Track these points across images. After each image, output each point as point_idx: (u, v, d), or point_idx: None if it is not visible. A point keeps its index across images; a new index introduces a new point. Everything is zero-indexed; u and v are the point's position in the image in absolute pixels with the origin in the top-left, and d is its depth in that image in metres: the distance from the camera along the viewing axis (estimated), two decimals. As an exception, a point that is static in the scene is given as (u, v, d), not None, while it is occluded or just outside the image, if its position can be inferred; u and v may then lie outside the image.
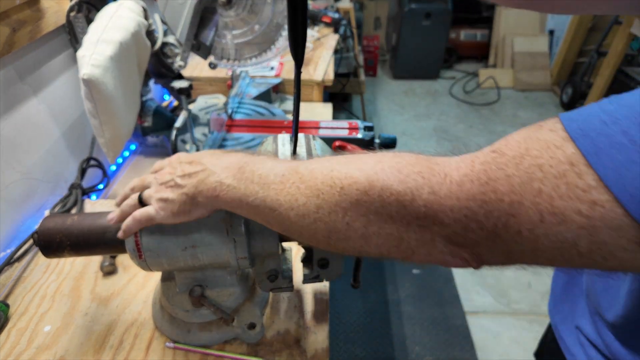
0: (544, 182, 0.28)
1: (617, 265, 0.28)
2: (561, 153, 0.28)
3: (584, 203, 0.26)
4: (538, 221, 0.28)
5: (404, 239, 0.34)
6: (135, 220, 0.50)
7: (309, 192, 0.38)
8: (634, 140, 0.25)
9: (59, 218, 0.56)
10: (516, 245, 0.30)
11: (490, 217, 0.30)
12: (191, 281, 0.60)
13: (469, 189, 0.30)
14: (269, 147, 0.57)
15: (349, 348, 1.62)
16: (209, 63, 1.07)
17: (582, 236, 0.27)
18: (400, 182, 0.33)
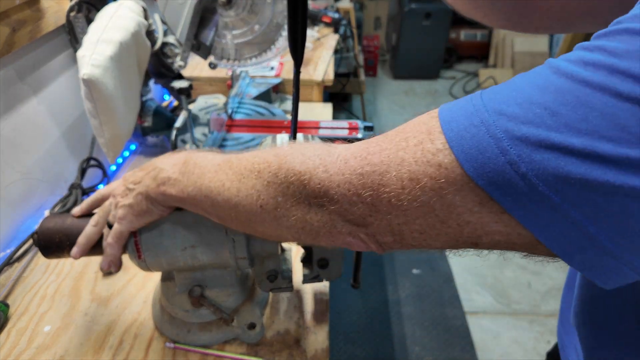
0: (406, 150, 0.30)
1: (474, 232, 0.29)
2: (425, 126, 0.30)
3: (432, 166, 0.28)
4: (400, 187, 0.29)
5: (307, 221, 0.36)
6: (110, 243, 0.52)
7: (234, 177, 0.40)
8: (477, 110, 0.27)
9: (59, 218, 0.56)
10: (392, 217, 0.31)
11: (366, 188, 0.31)
12: (191, 281, 0.61)
13: (351, 165, 0.32)
14: (268, 147, 0.57)
15: (349, 348, 1.62)
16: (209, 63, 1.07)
17: (435, 199, 0.28)
18: (301, 163, 0.35)
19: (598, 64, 0.24)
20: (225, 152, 0.47)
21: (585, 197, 0.24)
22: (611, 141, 0.23)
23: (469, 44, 3.92)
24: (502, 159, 0.25)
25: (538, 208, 0.25)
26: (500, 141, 0.25)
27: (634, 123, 0.22)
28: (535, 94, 0.25)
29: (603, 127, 0.23)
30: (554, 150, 0.24)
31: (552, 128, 0.24)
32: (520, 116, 0.25)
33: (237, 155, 0.43)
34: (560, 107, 0.24)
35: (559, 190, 0.24)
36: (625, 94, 0.22)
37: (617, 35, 0.24)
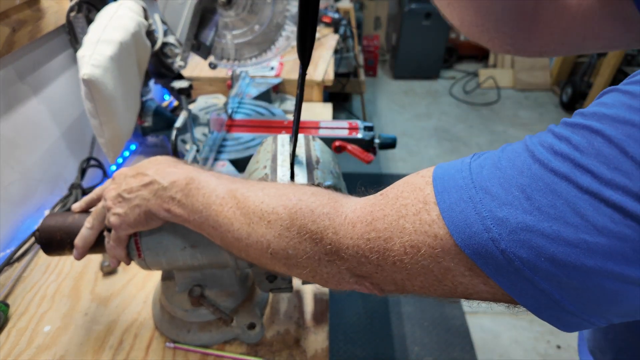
0: (406, 218, 0.33)
1: (466, 291, 0.33)
2: (421, 194, 0.33)
3: (430, 236, 0.32)
4: (403, 253, 0.33)
5: (317, 272, 0.39)
6: (112, 246, 0.53)
7: (243, 219, 0.42)
8: (466, 184, 0.31)
9: (60, 216, 0.56)
10: (396, 274, 0.35)
11: (373, 252, 0.35)
12: (190, 281, 0.61)
13: (358, 229, 0.36)
14: (269, 148, 0.58)
15: (349, 348, 1.62)
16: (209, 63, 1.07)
17: (433, 264, 0.32)
18: (313, 222, 0.38)
19: (565, 156, 0.28)
20: (225, 177, 0.47)
21: (553, 273, 0.28)
22: (573, 227, 0.26)
23: (469, 44, 3.92)
24: (486, 235, 0.29)
25: (514, 277, 0.29)
26: (485, 220, 0.29)
27: (591, 212, 0.26)
28: (514, 176, 0.29)
29: (567, 214, 0.27)
30: (528, 232, 0.28)
31: (527, 211, 0.28)
32: (501, 197, 0.29)
33: (240, 190, 0.43)
34: (534, 192, 0.28)
35: (531, 266, 0.28)
36: (585, 187, 0.26)
37: (580, 130, 0.28)
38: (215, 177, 0.46)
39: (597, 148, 0.26)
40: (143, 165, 0.51)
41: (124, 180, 0.51)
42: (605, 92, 0.30)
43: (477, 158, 0.33)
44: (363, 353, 1.60)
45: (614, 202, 0.25)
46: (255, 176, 0.53)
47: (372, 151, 1.01)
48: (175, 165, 0.49)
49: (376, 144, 1.02)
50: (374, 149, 1.02)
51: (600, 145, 0.26)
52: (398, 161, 2.75)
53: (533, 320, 1.70)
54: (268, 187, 0.43)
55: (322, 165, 0.55)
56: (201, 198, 0.45)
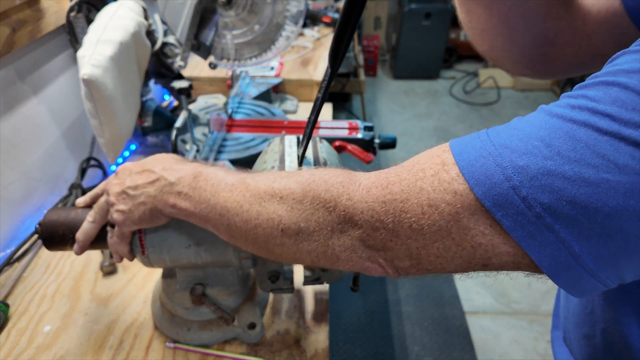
0: (424, 180, 0.33)
1: (485, 254, 0.32)
2: (439, 159, 0.34)
3: (449, 193, 0.32)
4: (421, 213, 0.33)
5: (329, 246, 0.38)
6: (115, 242, 0.53)
7: (253, 200, 0.41)
8: (485, 144, 0.32)
9: (63, 211, 0.56)
10: (412, 242, 0.34)
11: (389, 215, 0.34)
12: (192, 279, 0.61)
13: (374, 193, 0.36)
14: (276, 148, 0.57)
15: (349, 348, 1.62)
16: (209, 63, 1.07)
17: (452, 223, 0.32)
18: (326, 191, 0.38)
19: (582, 107, 0.29)
20: (232, 171, 0.47)
21: (574, 217, 0.28)
22: (594, 167, 0.27)
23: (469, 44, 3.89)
24: (507, 185, 0.29)
25: (534, 228, 0.29)
26: (505, 169, 0.29)
27: (611, 152, 0.27)
28: (533, 131, 0.30)
29: (588, 156, 0.27)
30: (549, 176, 0.28)
31: (548, 157, 0.28)
32: (521, 148, 0.30)
33: (251, 176, 0.43)
34: (553, 140, 0.29)
35: (553, 211, 0.28)
36: (604, 129, 0.27)
37: (595, 86, 0.29)
38: (223, 170, 0.46)
39: (614, 96, 0.27)
40: (149, 162, 0.50)
41: (129, 177, 0.50)
42: (615, 57, 0.31)
43: (492, 129, 0.34)
44: (363, 353, 1.60)
45: (634, 139, 0.26)
46: None
47: (372, 151, 1.01)
48: (182, 163, 0.49)
49: (376, 144, 1.02)
50: (374, 149, 1.02)
51: (616, 93, 0.27)
52: (398, 161, 2.74)
53: (533, 320, 1.70)
54: (279, 172, 0.43)
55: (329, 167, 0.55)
56: (209, 188, 0.44)
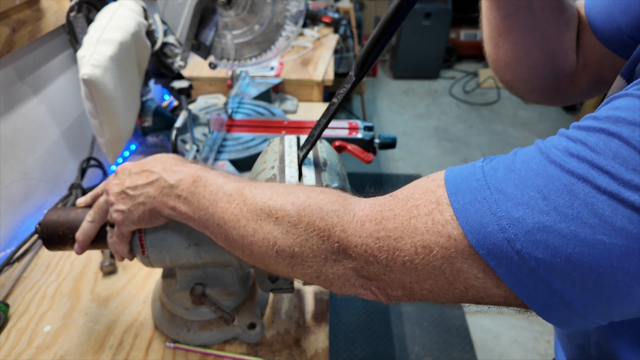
0: (418, 219, 0.33)
1: (477, 294, 0.33)
2: (433, 195, 0.33)
3: (443, 237, 0.31)
4: (414, 253, 0.33)
5: (322, 272, 0.39)
6: (115, 242, 0.52)
7: (249, 216, 0.41)
8: (480, 186, 0.31)
9: (63, 211, 0.56)
10: (405, 276, 0.34)
11: (382, 251, 0.34)
12: (192, 279, 0.60)
13: (367, 228, 0.35)
14: (276, 148, 0.57)
15: (349, 348, 1.62)
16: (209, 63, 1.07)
17: (445, 265, 0.32)
18: (321, 219, 0.38)
19: (581, 157, 0.28)
20: (232, 176, 0.46)
21: (568, 273, 0.28)
22: (591, 227, 0.26)
23: (469, 44, 3.92)
24: (501, 236, 0.29)
25: (527, 279, 0.29)
26: (500, 219, 0.29)
27: (609, 213, 0.26)
28: (530, 177, 0.29)
29: (585, 215, 0.27)
30: (545, 232, 0.28)
31: (544, 212, 0.28)
32: (517, 197, 0.29)
33: (249, 188, 0.43)
34: (550, 192, 0.28)
35: (547, 266, 0.28)
36: (603, 188, 0.26)
37: (596, 133, 0.28)
38: (222, 176, 0.46)
39: (615, 150, 0.26)
40: (148, 162, 0.50)
41: (128, 177, 0.50)
42: (615, 97, 0.30)
43: (489, 162, 0.33)
44: (363, 353, 1.60)
45: (632, 203, 0.25)
46: (263, 176, 0.53)
47: (372, 151, 1.01)
48: (182, 164, 0.49)
49: (376, 143, 1.02)
50: (374, 148, 1.02)
51: (617, 147, 0.26)
52: (398, 161, 2.75)
53: (533, 320, 1.70)
54: (276, 185, 0.43)
55: (330, 167, 0.55)
56: (208, 195, 0.44)
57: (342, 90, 0.48)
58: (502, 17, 0.53)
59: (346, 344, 1.63)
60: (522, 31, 0.53)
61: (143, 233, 0.53)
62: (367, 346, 1.63)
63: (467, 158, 2.77)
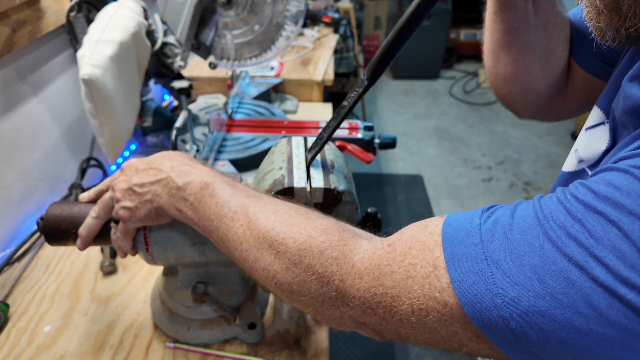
0: (415, 280, 0.34)
1: (472, 352, 0.34)
2: (430, 255, 0.33)
3: (439, 303, 0.32)
4: (411, 313, 0.34)
5: (319, 311, 0.40)
6: (119, 238, 0.52)
7: (252, 241, 0.42)
8: (477, 253, 0.31)
9: (66, 205, 0.55)
10: (400, 328, 0.36)
11: (379, 307, 0.35)
12: (194, 277, 0.60)
13: (365, 282, 0.36)
14: (283, 149, 0.57)
15: (349, 348, 1.62)
16: (209, 63, 1.07)
17: (440, 327, 0.33)
18: (321, 265, 0.38)
19: (579, 241, 0.28)
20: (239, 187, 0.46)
21: (560, 354, 0.28)
22: (585, 317, 0.27)
23: (469, 43, 3.92)
24: (496, 313, 0.30)
25: (521, 351, 0.30)
26: (496, 297, 0.30)
27: (605, 306, 0.26)
28: (527, 254, 0.29)
29: (580, 304, 0.27)
30: (539, 316, 0.28)
31: (540, 296, 0.28)
32: (513, 275, 0.29)
33: (253, 206, 0.43)
34: (546, 276, 0.28)
35: (540, 345, 0.29)
36: (600, 280, 0.26)
37: (594, 214, 0.28)
38: (229, 186, 0.46)
39: (613, 241, 0.26)
40: (156, 160, 0.50)
41: (136, 173, 0.49)
42: (612, 169, 0.30)
43: (486, 219, 0.33)
44: (363, 353, 1.60)
45: (628, 300, 0.25)
46: (271, 177, 0.52)
47: (372, 151, 1.01)
48: (191, 165, 0.48)
49: (376, 144, 1.02)
50: (374, 149, 1.02)
51: (616, 239, 0.26)
52: (398, 161, 2.75)
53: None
54: (280, 210, 0.43)
55: (337, 169, 0.55)
56: (214, 207, 0.44)
57: (354, 94, 0.48)
58: (505, 31, 0.53)
59: (346, 343, 1.63)
60: (524, 46, 0.53)
61: (148, 230, 0.52)
62: (367, 346, 1.63)
63: (467, 158, 2.77)
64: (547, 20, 0.52)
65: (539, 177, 2.55)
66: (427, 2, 0.41)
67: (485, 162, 2.73)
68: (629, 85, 0.36)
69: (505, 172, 2.63)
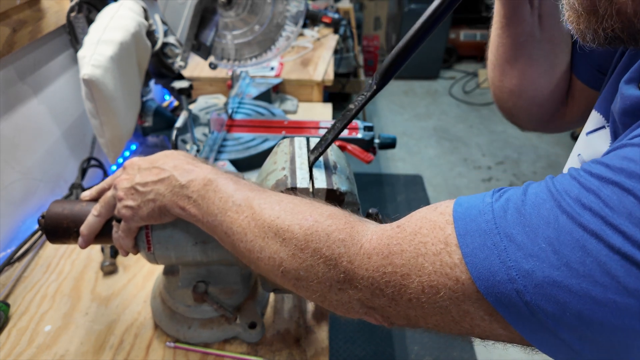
0: (426, 257, 0.33)
1: (484, 333, 0.33)
2: (441, 233, 0.33)
3: (451, 279, 0.32)
4: (421, 291, 0.33)
5: (326, 297, 0.39)
6: (121, 236, 0.52)
7: (257, 232, 0.41)
8: (490, 229, 0.31)
9: (68, 203, 0.55)
10: (410, 310, 0.35)
11: (389, 286, 0.35)
12: (195, 276, 0.60)
13: (374, 261, 0.36)
14: (286, 150, 0.57)
15: (349, 348, 1.62)
16: (209, 63, 1.07)
17: (452, 305, 0.32)
18: (328, 248, 0.38)
19: (594, 211, 0.27)
20: (242, 182, 0.46)
21: (577, 328, 0.28)
22: (602, 286, 0.26)
23: (468, 44, 3.92)
24: (510, 286, 0.29)
25: (536, 327, 0.29)
26: (510, 269, 0.29)
27: (622, 274, 0.26)
28: (541, 227, 0.29)
29: (597, 274, 0.26)
30: (555, 287, 0.27)
31: (555, 266, 0.27)
32: (527, 247, 0.29)
33: (258, 200, 0.43)
34: (562, 246, 0.28)
35: (556, 319, 0.28)
36: (616, 248, 0.26)
37: (609, 184, 0.27)
38: (233, 181, 0.46)
39: (629, 208, 0.26)
40: (159, 159, 0.50)
41: (138, 172, 0.49)
42: (626, 145, 0.29)
43: (498, 198, 0.33)
44: (363, 353, 1.61)
45: None
46: (274, 177, 0.52)
47: (372, 151, 1.01)
48: (194, 163, 0.48)
49: (376, 144, 1.02)
50: (374, 149, 1.02)
51: (632, 206, 0.26)
52: (398, 161, 2.75)
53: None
54: (285, 200, 0.42)
55: (340, 170, 0.55)
56: (217, 202, 0.44)
57: (361, 98, 0.48)
58: (511, 45, 0.54)
59: (346, 343, 1.63)
60: (530, 60, 0.54)
61: (150, 229, 0.52)
62: (367, 346, 1.63)
63: (466, 158, 2.78)
64: (552, 35, 0.53)
65: (538, 177, 2.55)
66: (441, 11, 0.41)
67: (485, 162, 2.74)
68: (626, 87, 0.37)
69: (505, 172, 2.63)
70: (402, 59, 0.44)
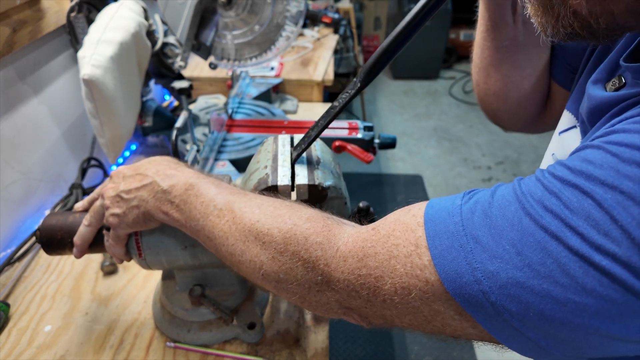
0: (398, 259, 0.34)
1: (455, 332, 0.34)
2: (413, 235, 0.34)
3: (421, 281, 0.32)
4: (394, 292, 0.34)
5: (306, 299, 0.40)
6: (112, 244, 0.53)
7: (238, 235, 0.42)
8: (457, 231, 0.31)
9: (61, 215, 0.56)
10: (385, 310, 0.36)
11: (364, 288, 0.36)
12: (191, 280, 0.61)
13: (350, 264, 0.36)
14: (269, 148, 0.57)
15: (349, 348, 1.62)
16: (209, 63, 1.07)
17: (423, 306, 0.33)
18: (306, 251, 0.38)
19: (555, 213, 0.28)
20: (224, 186, 0.47)
21: (540, 326, 0.29)
22: (562, 286, 0.27)
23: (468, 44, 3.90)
24: (476, 287, 0.30)
25: (503, 326, 0.30)
26: (475, 271, 0.30)
27: (581, 274, 0.27)
28: (505, 228, 0.30)
29: (557, 274, 0.27)
30: (518, 288, 0.28)
31: (518, 267, 0.28)
32: (492, 249, 0.30)
33: (238, 204, 0.43)
34: (524, 248, 0.28)
35: (520, 318, 0.29)
36: (575, 249, 0.27)
37: (569, 187, 0.28)
38: (214, 185, 0.46)
39: (587, 210, 0.27)
40: (142, 166, 0.51)
41: (123, 180, 0.50)
42: (587, 147, 0.30)
43: (467, 200, 0.33)
44: (363, 353, 1.61)
45: (602, 267, 0.26)
46: (256, 176, 0.53)
47: (372, 151, 1.01)
48: (176, 168, 0.49)
49: (376, 144, 1.02)
50: (373, 149, 1.02)
51: (590, 208, 0.27)
52: (398, 161, 2.75)
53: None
54: (265, 204, 0.43)
55: (323, 165, 0.55)
56: (199, 206, 0.45)
57: (345, 95, 0.48)
58: (496, 49, 0.56)
59: (346, 343, 1.63)
60: (514, 64, 0.55)
61: (139, 235, 0.53)
62: (367, 346, 1.63)
63: (466, 158, 2.78)
64: (537, 39, 0.53)
65: (538, 177, 2.55)
66: (425, 10, 0.42)
67: (485, 162, 2.74)
68: (593, 87, 0.38)
69: (505, 172, 2.64)
70: (387, 58, 0.45)
